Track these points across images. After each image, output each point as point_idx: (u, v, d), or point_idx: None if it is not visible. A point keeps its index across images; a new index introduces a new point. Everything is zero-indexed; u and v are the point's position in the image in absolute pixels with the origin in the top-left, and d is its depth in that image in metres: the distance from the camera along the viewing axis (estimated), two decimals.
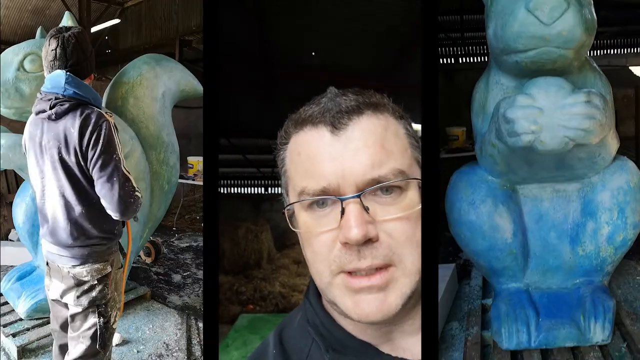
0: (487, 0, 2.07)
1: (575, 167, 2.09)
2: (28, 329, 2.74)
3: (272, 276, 3.83)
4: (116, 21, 7.83)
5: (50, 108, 1.61)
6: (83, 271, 1.68)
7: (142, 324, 2.13)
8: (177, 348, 2.76)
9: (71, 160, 1.63)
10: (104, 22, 7.96)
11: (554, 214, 2.23)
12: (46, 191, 1.70)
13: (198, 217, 6.10)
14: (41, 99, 1.65)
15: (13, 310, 2.90)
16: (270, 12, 3.36)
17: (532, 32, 1.70)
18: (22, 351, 2.59)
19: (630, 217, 2.18)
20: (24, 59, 2.62)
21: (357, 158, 0.83)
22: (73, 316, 1.74)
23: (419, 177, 0.87)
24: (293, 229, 0.91)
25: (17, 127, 2.87)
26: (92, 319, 1.72)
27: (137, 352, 2.50)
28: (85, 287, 1.69)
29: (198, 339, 2.90)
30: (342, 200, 0.82)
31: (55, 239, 1.69)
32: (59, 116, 1.62)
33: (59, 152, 1.63)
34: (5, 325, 2.78)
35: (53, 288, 1.75)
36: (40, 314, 2.77)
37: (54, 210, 1.69)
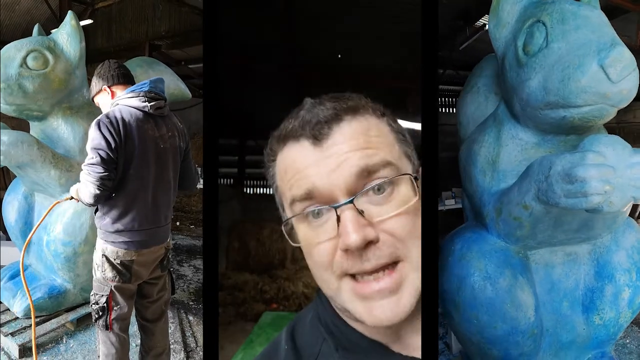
0: (517, 53, 1.85)
1: (594, 227, 1.90)
2: (25, 328, 2.73)
3: (295, 276, 3.79)
4: (89, 22, 7.74)
5: (164, 106, 1.93)
6: (169, 241, 2.07)
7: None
8: (173, 340, 2.78)
9: (183, 148, 2.01)
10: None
11: (566, 280, 1.99)
12: (152, 179, 1.88)
13: (172, 216, 6.14)
14: (151, 97, 1.87)
15: (8, 309, 2.88)
16: (297, 16, 3.35)
17: (598, 88, 1.55)
18: (23, 350, 2.59)
19: None
20: (27, 55, 2.58)
21: (343, 163, 0.83)
22: (154, 283, 2.06)
23: (410, 170, 0.87)
24: (293, 244, 0.90)
25: (23, 124, 2.85)
26: (167, 276, 2.12)
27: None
28: (168, 253, 2.07)
29: (191, 332, 2.95)
30: (335, 208, 0.82)
31: (156, 222, 1.94)
32: (165, 113, 1.95)
33: (178, 142, 1.97)
34: (1, 325, 2.77)
35: (139, 273, 1.93)
36: (37, 312, 2.76)
37: (161, 195, 1.94)
